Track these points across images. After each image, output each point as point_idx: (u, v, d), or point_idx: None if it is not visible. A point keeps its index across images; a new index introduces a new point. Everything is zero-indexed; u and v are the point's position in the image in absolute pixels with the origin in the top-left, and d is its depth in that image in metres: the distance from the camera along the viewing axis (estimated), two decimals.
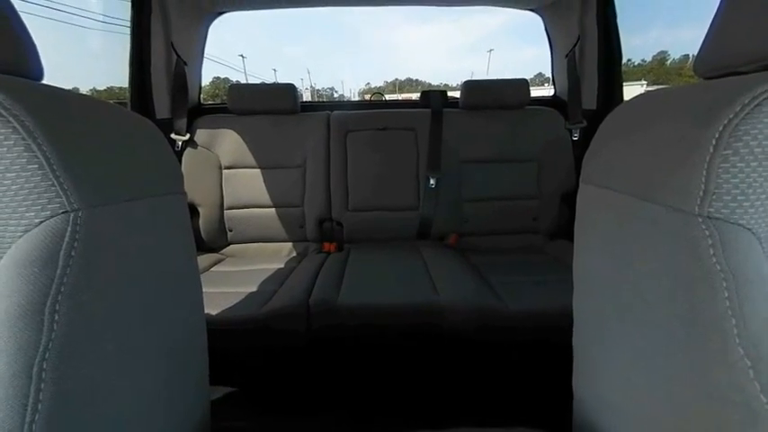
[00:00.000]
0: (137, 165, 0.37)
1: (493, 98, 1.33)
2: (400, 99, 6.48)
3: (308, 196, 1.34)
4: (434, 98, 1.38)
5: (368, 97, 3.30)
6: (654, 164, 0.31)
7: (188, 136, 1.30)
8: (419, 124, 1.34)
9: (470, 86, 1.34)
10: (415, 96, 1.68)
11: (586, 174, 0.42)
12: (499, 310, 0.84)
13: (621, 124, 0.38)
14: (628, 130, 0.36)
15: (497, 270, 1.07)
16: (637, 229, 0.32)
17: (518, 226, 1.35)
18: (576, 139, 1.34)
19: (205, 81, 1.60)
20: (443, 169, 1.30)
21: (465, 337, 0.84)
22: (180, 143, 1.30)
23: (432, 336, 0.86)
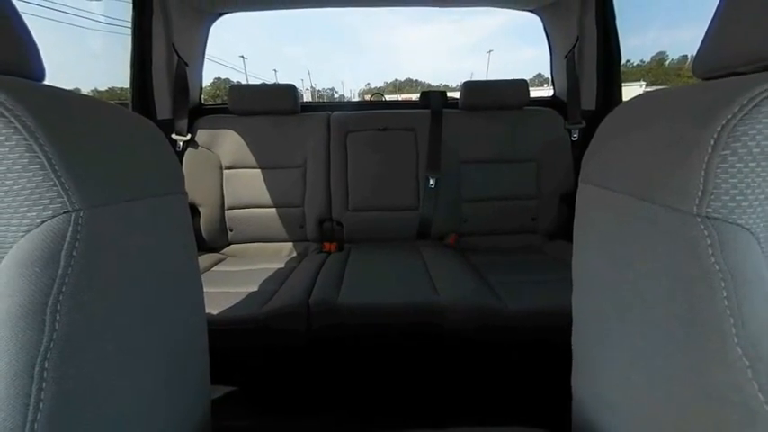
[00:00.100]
0: (138, 165, 0.37)
1: (492, 99, 1.34)
2: (400, 99, 6.48)
3: (309, 196, 1.34)
4: (434, 99, 1.38)
5: (368, 98, 3.30)
6: (653, 164, 0.31)
7: (189, 136, 1.30)
8: (419, 125, 1.34)
9: (470, 87, 1.35)
10: (415, 97, 1.68)
11: (585, 174, 0.42)
12: (499, 310, 0.84)
13: (620, 125, 0.38)
14: (627, 131, 0.36)
15: (497, 270, 1.08)
16: (636, 229, 0.32)
17: (517, 226, 1.35)
18: (575, 140, 1.34)
19: (206, 82, 1.60)
20: (443, 169, 1.30)
21: (464, 337, 0.84)
22: (181, 143, 1.30)
23: (431, 335, 0.86)
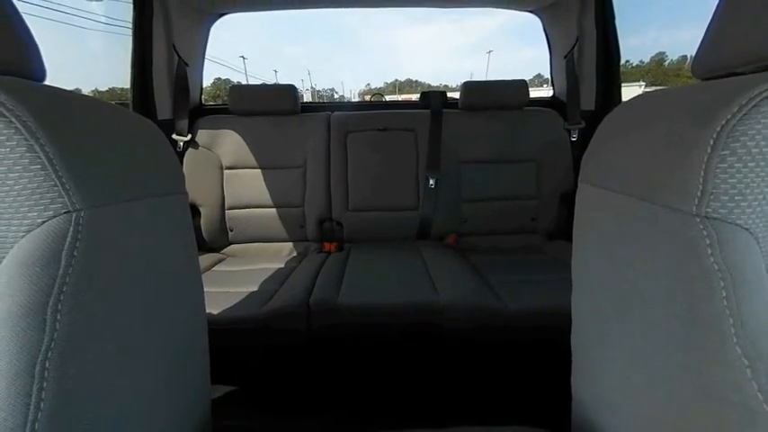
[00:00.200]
0: (138, 165, 0.37)
1: (492, 99, 1.34)
2: (400, 100, 6.49)
3: (309, 196, 1.34)
4: (434, 99, 1.39)
5: (368, 98, 3.31)
6: (652, 164, 0.31)
7: (189, 136, 1.30)
8: (419, 125, 1.35)
9: (470, 87, 1.35)
10: (415, 97, 1.68)
11: (585, 174, 0.42)
12: (499, 310, 0.84)
13: (620, 125, 0.39)
14: (626, 131, 0.36)
15: (497, 270, 1.08)
16: (635, 229, 0.32)
17: (517, 226, 1.35)
18: (575, 140, 1.34)
19: (206, 82, 1.61)
20: (443, 169, 1.31)
21: (464, 337, 0.84)
22: (181, 144, 1.30)
23: (431, 335, 0.86)
